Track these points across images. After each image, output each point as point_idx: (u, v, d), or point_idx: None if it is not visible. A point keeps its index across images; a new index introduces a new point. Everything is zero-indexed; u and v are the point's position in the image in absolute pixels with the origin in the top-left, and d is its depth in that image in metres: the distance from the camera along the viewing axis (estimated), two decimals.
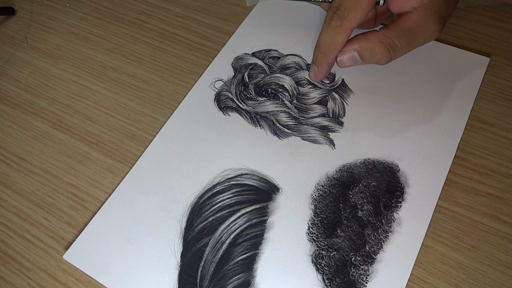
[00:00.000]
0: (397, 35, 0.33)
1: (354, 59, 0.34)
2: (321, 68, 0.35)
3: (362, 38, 0.33)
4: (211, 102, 0.39)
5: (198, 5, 0.46)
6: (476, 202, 0.32)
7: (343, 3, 0.32)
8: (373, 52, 0.33)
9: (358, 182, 0.33)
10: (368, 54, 0.34)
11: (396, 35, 0.33)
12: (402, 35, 0.33)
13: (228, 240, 0.32)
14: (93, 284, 0.32)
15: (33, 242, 0.35)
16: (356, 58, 0.34)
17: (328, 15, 0.33)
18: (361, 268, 0.30)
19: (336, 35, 0.33)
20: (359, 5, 0.32)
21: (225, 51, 0.42)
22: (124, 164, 0.37)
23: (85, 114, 0.41)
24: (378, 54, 0.33)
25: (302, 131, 0.36)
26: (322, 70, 0.35)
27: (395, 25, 0.33)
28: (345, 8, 0.32)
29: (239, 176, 0.35)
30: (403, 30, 0.33)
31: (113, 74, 0.43)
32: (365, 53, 0.34)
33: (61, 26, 0.47)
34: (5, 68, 0.45)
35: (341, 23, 0.32)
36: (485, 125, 0.35)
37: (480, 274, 0.29)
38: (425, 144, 0.34)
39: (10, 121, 0.41)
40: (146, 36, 0.45)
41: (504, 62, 0.38)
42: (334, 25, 0.32)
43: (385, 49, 0.33)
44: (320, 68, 0.35)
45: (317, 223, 0.32)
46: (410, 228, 0.31)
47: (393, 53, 0.33)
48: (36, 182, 0.37)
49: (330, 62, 0.35)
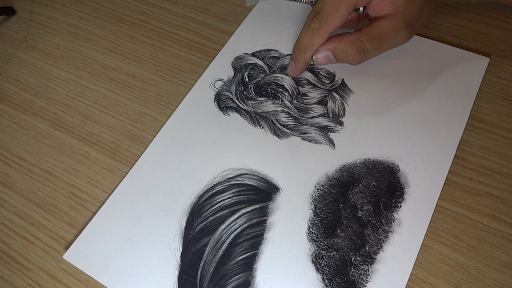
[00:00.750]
0: (368, 38, 0.35)
1: (328, 58, 0.36)
2: (298, 65, 0.37)
3: (336, 40, 0.35)
4: (211, 102, 0.39)
5: (198, 5, 0.46)
6: (476, 202, 0.32)
7: (323, 8, 0.34)
8: (346, 53, 0.35)
9: (358, 182, 0.33)
10: (341, 54, 0.35)
11: (367, 39, 0.35)
12: (373, 39, 0.35)
13: (228, 240, 0.32)
14: (93, 284, 0.32)
15: (33, 242, 0.35)
16: (330, 57, 0.36)
17: (309, 17, 0.35)
18: (361, 268, 0.30)
19: (314, 37, 0.35)
20: (338, 12, 0.34)
21: (225, 51, 0.42)
22: (124, 164, 0.37)
23: (85, 114, 0.41)
24: (350, 55, 0.35)
25: (302, 131, 0.36)
26: (298, 67, 0.37)
27: (367, 29, 0.35)
28: (324, 13, 0.34)
29: (239, 176, 0.35)
30: (374, 35, 0.34)
31: (113, 74, 0.43)
32: (338, 53, 0.35)
33: (61, 26, 0.47)
34: (5, 68, 0.45)
35: (319, 27, 0.34)
36: (485, 125, 0.35)
37: (480, 274, 0.29)
38: (425, 144, 0.34)
39: (10, 121, 0.41)
40: (146, 36, 0.45)
41: (504, 62, 0.38)
42: (313, 28, 0.35)
43: (357, 51, 0.35)
44: (297, 65, 0.37)
45: (317, 223, 0.32)
46: (410, 228, 0.31)
47: (363, 55, 0.35)
48: (36, 182, 0.37)
49: (307, 60, 0.37)
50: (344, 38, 0.35)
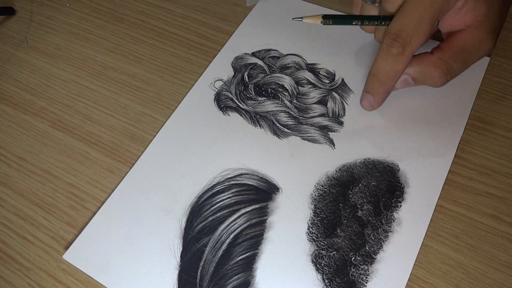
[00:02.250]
0: (453, 56, 0.31)
1: (406, 82, 0.33)
2: (377, 97, 0.33)
3: (415, 62, 0.32)
4: (211, 102, 0.39)
5: (198, 5, 0.46)
6: (476, 201, 0.32)
7: (404, 29, 0.30)
8: (428, 76, 0.32)
9: (358, 181, 0.33)
10: (422, 78, 0.32)
11: (452, 57, 0.31)
12: (458, 56, 0.31)
13: (228, 240, 0.32)
14: (93, 284, 0.32)
15: (33, 242, 0.35)
16: (409, 81, 0.33)
17: (387, 42, 0.31)
18: (361, 268, 0.30)
19: (397, 63, 0.31)
20: (421, 30, 0.30)
21: (225, 51, 0.42)
22: (124, 164, 0.37)
23: (85, 114, 0.41)
24: (434, 78, 0.32)
25: (302, 131, 0.36)
26: (378, 99, 0.33)
27: (448, 45, 0.31)
28: (407, 34, 0.30)
29: (239, 176, 0.35)
30: (458, 51, 0.31)
31: (113, 74, 0.43)
32: (419, 77, 0.32)
33: (61, 26, 0.47)
34: (5, 68, 0.45)
35: (403, 50, 0.30)
36: (485, 125, 0.35)
37: (480, 274, 0.29)
38: (425, 144, 0.34)
39: (10, 121, 0.41)
40: (146, 36, 0.45)
41: (504, 62, 0.38)
42: (396, 53, 0.30)
43: (442, 73, 0.31)
44: (376, 97, 0.33)
45: (317, 223, 0.32)
46: (410, 228, 0.31)
47: (449, 76, 0.32)
48: (36, 182, 0.37)
49: (389, 90, 0.33)
50: (425, 59, 0.32)
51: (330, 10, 0.43)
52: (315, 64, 0.40)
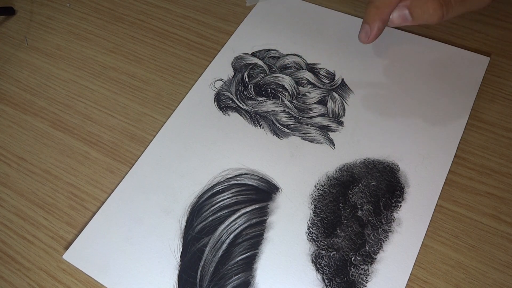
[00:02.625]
0: None
1: (404, 17, 0.32)
2: (373, 25, 0.32)
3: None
4: (211, 102, 0.39)
5: (198, 5, 0.46)
6: (476, 201, 0.32)
7: None
8: (425, 8, 0.31)
9: (358, 181, 0.33)
10: (419, 10, 0.31)
11: None
12: None
13: (228, 240, 0.32)
14: (93, 284, 0.32)
15: (33, 242, 0.35)
16: (406, 16, 0.32)
17: None
18: (361, 268, 0.30)
19: None
20: None
21: (225, 51, 0.42)
22: (124, 164, 0.37)
23: (85, 114, 0.41)
24: (430, 9, 0.31)
25: (302, 131, 0.36)
26: (374, 28, 0.32)
27: None
28: None
29: (239, 176, 0.35)
30: None
31: (113, 74, 0.43)
32: (416, 9, 0.31)
33: (61, 26, 0.47)
34: (5, 68, 0.45)
35: None
36: (485, 125, 0.35)
37: (480, 274, 0.29)
38: (425, 143, 0.34)
39: (10, 121, 0.41)
40: (146, 36, 0.45)
41: (504, 62, 0.38)
42: None
43: (438, 4, 0.30)
44: (372, 25, 0.32)
45: (316, 223, 0.32)
46: (410, 228, 0.31)
47: (446, 10, 0.31)
48: (36, 182, 0.37)
49: (385, 18, 0.32)
50: None
51: (330, 10, 0.43)
52: (315, 64, 0.40)
